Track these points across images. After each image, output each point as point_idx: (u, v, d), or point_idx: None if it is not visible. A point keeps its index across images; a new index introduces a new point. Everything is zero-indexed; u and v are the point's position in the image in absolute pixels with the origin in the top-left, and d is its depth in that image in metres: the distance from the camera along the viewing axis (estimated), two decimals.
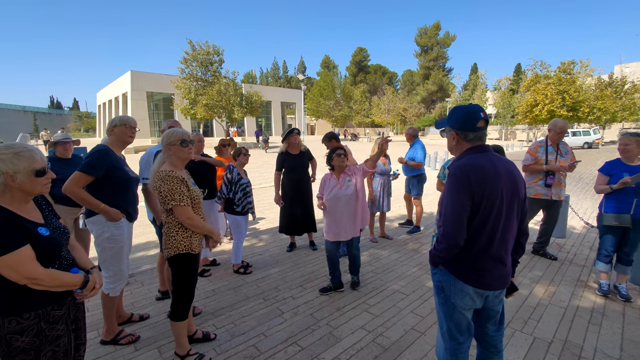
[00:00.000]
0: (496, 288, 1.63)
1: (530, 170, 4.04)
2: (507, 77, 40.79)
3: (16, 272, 1.29)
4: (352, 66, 69.00)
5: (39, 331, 1.37)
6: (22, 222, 1.36)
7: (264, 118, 46.91)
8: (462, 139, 1.63)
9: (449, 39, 60.12)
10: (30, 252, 1.34)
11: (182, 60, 25.97)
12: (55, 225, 1.54)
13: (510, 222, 1.60)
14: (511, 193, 1.57)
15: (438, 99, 57.43)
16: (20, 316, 1.34)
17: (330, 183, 3.34)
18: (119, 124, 2.44)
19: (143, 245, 4.80)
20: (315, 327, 2.75)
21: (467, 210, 1.52)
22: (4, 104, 52.40)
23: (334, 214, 3.26)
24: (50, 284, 1.37)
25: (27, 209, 1.45)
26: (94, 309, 2.96)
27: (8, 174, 1.34)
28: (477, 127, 1.59)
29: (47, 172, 1.46)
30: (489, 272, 1.59)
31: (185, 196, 2.10)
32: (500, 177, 1.54)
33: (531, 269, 3.90)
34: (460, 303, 1.64)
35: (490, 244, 1.56)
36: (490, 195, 1.51)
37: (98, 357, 2.39)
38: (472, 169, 1.52)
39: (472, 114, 1.60)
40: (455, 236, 1.52)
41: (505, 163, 1.62)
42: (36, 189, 1.43)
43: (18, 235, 1.32)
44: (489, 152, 1.62)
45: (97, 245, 2.43)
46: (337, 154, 3.30)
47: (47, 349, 1.40)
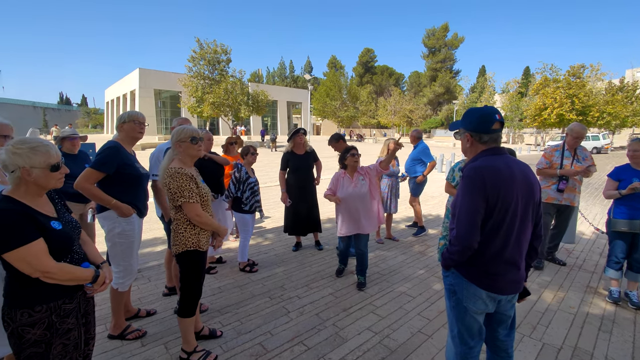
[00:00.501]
0: (509, 292, 1.61)
1: (543, 174, 3.97)
2: (516, 80, 40.47)
3: (29, 265, 1.31)
4: (359, 67, 68.89)
5: (50, 324, 1.38)
6: (36, 215, 1.37)
7: (270, 117, 47.03)
8: (477, 141, 1.62)
9: (457, 40, 59.78)
10: (44, 245, 1.35)
11: (189, 59, 26.16)
12: (68, 220, 1.56)
13: (525, 225, 1.57)
14: (526, 196, 1.55)
15: (445, 101, 57.12)
16: (32, 309, 1.35)
17: (344, 182, 3.44)
18: (128, 120, 2.45)
19: (150, 241, 4.83)
20: (321, 327, 2.75)
21: (482, 212, 1.50)
22: (14, 99, 53.22)
23: (349, 210, 3.38)
24: (62, 278, 1.38)
25: (40, 202, 1.46)
26: (102, 303, 2.99)
27: (24, 169, 1.35)
28: (492, 129, 1.57)
29: (61, 167, 1.47)
30: (503, 276, 1.57)
31: (194, 193, 2.11)
32: (516, 179, 1.52)
33: (540, 274, 3.86)
34: (472, 307, 1.61)
35: (504, 247, 1.54)
36: (505, 197, 1.49)
37: (105, 351, 2.41)
38: (487, 170, 1.50)
39: (487, 116, 1.59)
40: (469, 239, 1.50)
41: (520, 166, 1.60)
42: (50, 184, 1.45)
43: (32, 228, 1.33)
44: (504, 154, 1.59)
45: (108, 240, 2.45)
46: (351, 154, 3.42)
47: (58, 342, 1.41)
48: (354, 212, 3.39)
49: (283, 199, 4.36)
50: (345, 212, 3.43)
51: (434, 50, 61.42)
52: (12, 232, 1.28)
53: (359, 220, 3.40)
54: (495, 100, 41.70)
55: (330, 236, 5.12)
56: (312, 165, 4.52)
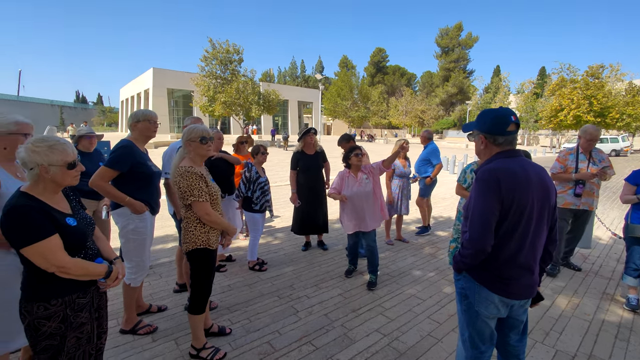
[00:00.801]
0: (522, 297, 1.58)
1: (558, 179, 3.83)
2: (531, 80, 39.56)
3: (46, 260, 1.34)
4: (371, 67, 68.54)
5: (64, 317, 1.42)
6: (52, 212, 1.41)
7: (281, 117, 47.21)
8: (491, 143, 1.59)
9: (471, 40, 58.86)
10: (59, 241, 1.39)
11: (202, 58, 26.44)
12: (82, 216, 1.59)
13: (540, 229, 1.54)
14: (542, 199, 1.52)
15: (458, 102, 56.33)
16: (48, 302, 1.39)
17: (348, 181, 3.50)
18: (142, 119, 2.50)
19: (162, 238, 4.91)
20: (329, 327, 2.74)
21: (496, 215, 1.47)
22: (33, 97, 54.83)
23: (355, 208, 3.45)
24: (76, 273, 1.42)
25: (56, 199, 1.50)
26: (115, 298, 3.05)
27: (42, 166, 1.39)
28: (508, 130, 1.54)
29: (77, 165, 1.51)
30: (516, 281, 1.54)
31: (204, 192, 2.13)
32: (532, 182, 1.49)
33: (553, 278, 3.76)
34: (484, 311, 1.59)
35: (518, 251, 1.51)
36: (520, 200, 1.46)
37: (117, 345, 2.46)
38: (502, 172, 1.48)
39: (502, 117, 1.55)
40: (482, 242, 1.47)
41: (536, 168, 1.57)
42: (66, 181, 1.48)
43: (48, 224, 1.37)
44: (519, 156, 1.56)
45: (122, 237, 2.50)
46: (355, 154, 3.48)
47: (72, 335, 1.44)
48: (360, 211, 3.45)
49: (293, 199, 4.37)
50: (351, 211, 3.49)
51: (447, 49, 60.60)
52: (30, 227, 1.32)
53: (363, 218, 3.47)
54: (509, 101, 40.81)
55: (340, 236, 5.11)
56: (322, 165, 4.52)
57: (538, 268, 1.62)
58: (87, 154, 3.54)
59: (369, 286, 3.47)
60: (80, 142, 3.56)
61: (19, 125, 1.87)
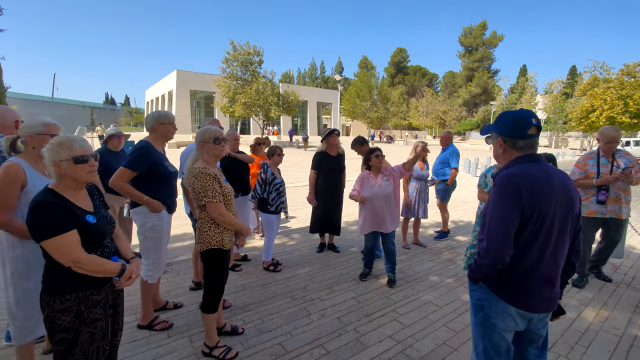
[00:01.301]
0: (542, 311, 1.50)
1: (579, 186, 3.56)
2: (560, 80, 37.86)
3: (62, 255, 1.40)
4: (391, 67, 67.79)
5: (78, 312, 1.46)
6: (73, 208, 1.47)
7: (300, 117, 47.48)
8: (511, 147, 1.50)
9: (495, 39, 57.07)
10: (77, 237, 1.44)
11: (223, 60, 27.01)
12: (103, 215, 1.64)
13: (562, 239, 1.45)
14: (565, 207, 1.43)
15: (481, 102, 54.69)
16: (63, 296, 1.45)
17: (369, 182, 3.54)
18: (166, 122, 2.57)
19: (180, 236, 5.03)
20: (342, 331, 2.71)
21: (515, 223, 1.39)
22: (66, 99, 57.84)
23: (375, 209, 3.48)
24: (91, 269, 1.46)
25: (79, 196, 1.56)
26: (133, 294, 3.14)
27: (55, 162, 1.47)
28: (528, 134, 1.45)
29: (88, 160, 1.51)
30: (536, 293, 1.45)
31: (218, 193, 2.15)
32: (554, 189, 1.40)
33: (580, 289, 3.56)
34: (500, 324, 1.50)
35: (539, 262, 1.42)
36: (541, 208, 1.37)
37: (135, 340, 2.53)
38: (522, 178, 1.39)
39: (523, 119, 1.47)
40: (500, 252, 1.39)
41: (559, 174, 1.48)
42: (78, 176, 1.50)
43: (67, 220, 1.42)
44: (541, 161, 1.47)
45: (140, 234, 2.58)
46: (375, 155, 3.53)
47: (85, 331, 1.49)
48: (380, 212, 3.48)
49: (310, 199, 4.37)
50: (370, 212, 3.50)
51: (470, 49, 59.03)
52: (50, 221, 1.38)
53: (384, 219, 3.49)
54: (536, 102, 39.17)
55: (356, 239, 5.06)
56: (344, 167, 4.50)
57: (560, 280, 1.53)
58: (115, 153, 3.72)
59: (389, 283, 3.55)
60: (110, 141, 3.78)
61: (47, 126, 1.98)
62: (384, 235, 3.58)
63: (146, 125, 2.61)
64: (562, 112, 35.93)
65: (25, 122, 1.95)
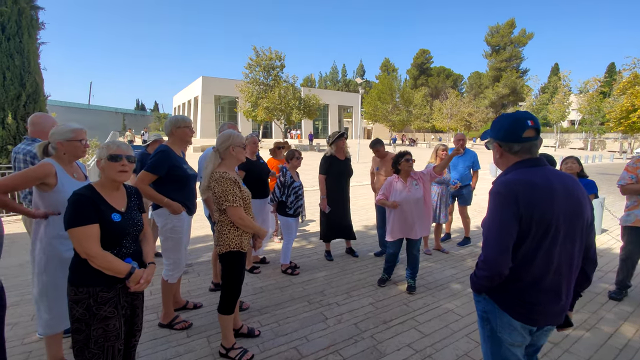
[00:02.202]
0: (547, 324, 1.41)
1: (629, 192, 3.26)
2: (597, 78, 35.83)
3: (80, 245, 1.49)
4: (413, 69, 66.69)
5: (88, 306, 1.52)
6: (101, 204, 1.56)
7: (321, 121, 47.67)
8: (507, 152, 1.43)
9: (525, 37, 54.79)
10: (96, 231, 1.52)
11: (246, 66, 27.68)
12: (131, 216, 1.70)
13: (570, 248, 1.35)
14: (571, 214, 1.33)
15: (510, 103, 52.63)
16: (77, 288, 1.53)
17: (397, 186, 3.46)
18: (183, 126, 2.65)
19: (202, 237, 5.16)
20: (358, 337, 2.66)
21: (513, 233, 1.30)
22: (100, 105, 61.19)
23: (404, 214, 3.39)
24: (100, 264, 1.51)
25: (114, 195, 1.67)
26: (156, 293, 3.24)
27: (98, 160, 1.62)
28: (524, 137, 1.37)
29: (121, 159, 1.64)
30: (541, 307, 1.36)
31: (238, 197, 2.19)
32: (557, 194, 1.31)
33: (618, 302, 3.31)
34: (507, 338, 1.42)
35: (543, 274, 1.34)
36: (543, 216, 1.29)
37: (155, 338, 2.60)
38: (520, 185, 1.31)
39: (517, 122, 1.38)
40: (498, 264, 1.31)
41: (564, 179, 1.38)
42: (111, 174, 1.63)
43: (91, 214, 1.52)
44: (542, 166, 1.38)
45: (161, 235, 2.67)
46: (405, 159, 3.44)
47: (97, 326, 1.53)
48: (409, 217, 3.39)
49: (323, 206, 4.22)
50: (400, 217, 3.41)
51: (497, 48, 57.02)
52: (76, 212, 1.50)
53: (413, 225, 3.40)
54: (570, 102, 37.19)
55: (374, 243, 4.98)
56: (352, 171, 4.42)
57: (570, 292, 1.42)
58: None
59: (408, 290, 3.47)
60: (152, 145, 4.02)
61: (74, 132, 2.10)
62: (410, 241, 3.48)
63: (165, 130, 2.72)
64: (598, 113, 33.95)
65: (54, 129, 2.08)
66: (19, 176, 1.96)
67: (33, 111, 7.08)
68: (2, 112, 6.80)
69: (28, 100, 7.03)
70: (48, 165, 1.99)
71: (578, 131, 41.48)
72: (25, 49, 6.95)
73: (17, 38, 6.85)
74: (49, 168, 1.98)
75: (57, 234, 2.01)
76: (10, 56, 6.77)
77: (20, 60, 6.87)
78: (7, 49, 6.74)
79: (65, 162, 2.10)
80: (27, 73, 6.99)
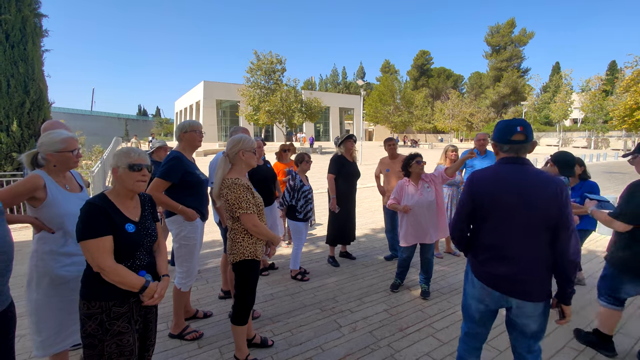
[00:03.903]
0: (500, 290, 1.67)
1: None
2: (599, 76, 35.69)
3: (92, 258, 1.42)
4: (414, 70, 66.73)
5: (101, 322, 1.46)
6: (114, 214, 1.49)
7: (322, 124, 47.64)
8: (499, 150, 1.76)
9: (525, 36, 54.74)
10: (110, 243, 1.45)
11: (247, 70, 27.73)
12: (146, 226, 1.63)
13: (523, 233, 1.60)
14: (523, 204, 1.59)
15: (511, 103, 52.44)
16: (89, 302, 1.46)
17: (408, 190, 3.37)
18: (189, 130, 2.58)
19: (209, 243, 5.10)
20: (375, 346, 2.58)
21: (466, 209, 1.77)
22: (103, 112, 61.50)
23: (417, 219, 3.31)
24: (112, 278, 1.44)
25: (128, 205, 1.59)
26: (165, 302, 3.17)
27: (114, 168, 1.54)
28: (512, 140, 1.67)
29: (141, 169, 1.57)
30: (488, 268, 1.70)
31: (252, 204, 2.12)
32: (510, 185, 1.62)
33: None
34: (469, 290, 1.82)
35: (493, 243, 1.68)
36: (490, 200, 1.66)
37: (166, 349, 2.53)
38: (478, 174, 1.77)
39: (508, 127, 1.68)
40: (454, 227, 1.85)
41: (527, 175, 1.62)
42: (129, 183, 1.55)
43: (104, 225, 1.44)
44: (516, 163, 1.67)
45: (175, 242, 2.60)
46: (416, 161, 3.35)
47: (110, 342, 1.46)
48: (422, 221, 3.30)
49: (333, 206, 4.13)
50: (413, 222, 3.32)
51: (498, 48, 56.96)
52: (89, 224, 1.43)
53: (426, 229, 3.30)
54: (572, 100, 36.98)
55: (384, 247, 4.90)
56: (359, 173, 4.36)
57: (527, 271, 1.61)
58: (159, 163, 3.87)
59: (422, 295, 3.38)
60: (157, 152, 3.95)
61: (65, 142, 1.91)
62: (424, 245, 3.39)
63: (175, 135, 2.66)
64: (601, 111, 33.79)
65: (43, 138, 1.91)
66: (6, 191, 1.77)
67: (37, 118, 7.07)
68: (7, 119, 6.79)
69: (32, 107, 7.02)
70: (36, 178, 1.81)
71: (581, 130, 41.24)
72: (29, 57, 6.96)
73: (21, 46, 6.86)
74: (37, 181, 1.81)
75: (50, 249, 1.86)
76: (14, 63, 6.77)
77: (24, 67, 6.87)
78: (11, 56, 6.74)
79: (56, 173, 1.94)
80: (31, 80, 6.99)
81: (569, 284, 1.60)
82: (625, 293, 2.37)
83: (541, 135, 43.04)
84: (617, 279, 2.38)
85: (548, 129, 44.93)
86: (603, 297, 2.49)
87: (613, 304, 2.44)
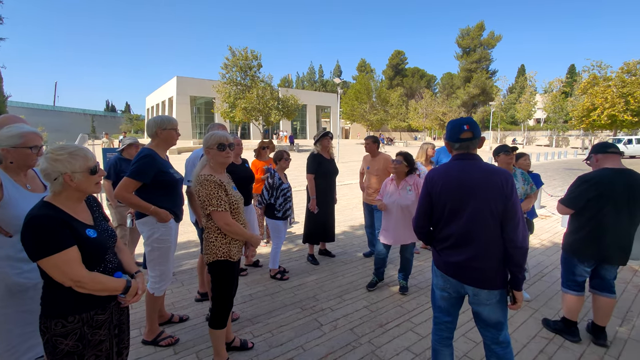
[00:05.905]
0: (452, 275, 1.79)
1: None
2: (560, 79, 37.92)
3: (62, 273, 1.29)
4: (389, 69, 67.88)
5: (82, 335, 1.35)
6: (72, 222, 1.36)
7: (299, 121, 47.47)
8: (452, 148, 1.86)
9: (493, 39, 57.04)
10: (77, 253, 1.33)
11: (222, 66, 27.07)
12: (104, 228, 1.53)
13: (472, 221, 1.70)
14: (471, 195, 1.70)
15: (480, 103, 54.57)
16: (65, 319, 1.33)
17: (389, 188, 3.38)
18: (169, 127, 2.43)
19: (184, 244, 4.92)
20: (356, 344, 2.58)
21: (426, 205, 1.89)
22: (67, 107, 57.92)
23: (391, 219, 3.31)
24: (93, 288, 1.34)
25: (79, 209, 1.45)
26: (138, 307, 3.02)
27: (67, 174, 1.35)
28: (461, 138, 1.78)
29: (99, 171, 1.46)
30: (446, 257, 1.82)
31: (223, 201, 2.03)
32: (459, 179, 1.75)
33: None
34: (434, 280, 1.96)
35: (448, 234, 1.79)
36: (445, 193, 1.78)
37: (139, 357, 2.40)
38: (434, 171, 1.89)
39: (457, 126, 1.80)
40: (416, 222, 1.97)
41: (476, 170, 1.73)
42: (90, 188, 1.43)
43: (67, 235, 1.31)
44: (466, 159, 1.79)
45: (147, 246, 2.45)
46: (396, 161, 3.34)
47: (90, 354, 1.38)
48: (395, 223, 3.29)
49: (313, 206, 4.07)
50: (387, 222, 3.35)
51: (468, 50, 59.00)
52: (48, 238, 1.27)
53: (398, 233, 3.28)
54: (536, 101, 39.12)
55: (362, 244, 4.93)
56: (338, 171, 4.35)
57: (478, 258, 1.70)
58: (129, 161, 3.65)
59: (401, 290, 3.43)
60: (127, 150, 3.75)
61: (24, 137, 1.77)
62: (404, 245, 3.39)
63: (148, 131, 2.48)
64: (562, 111, 35.92)
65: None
66: None
67: None
68: None
69: None
70: None
71: (544, 129, 43.69)
72: None
73: None
74: None
75: (6, 254, 1.71)
76: None
77: None
78: None
79: (14, 171, 1.79)
80: None
81: (519, 270, 1.69)
82: (579, 275, 2.60)
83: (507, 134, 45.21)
84: (570, 261, 2.63)
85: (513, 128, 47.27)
86: (564, 284, 2.71)
87: (574, 289, 2.64)
